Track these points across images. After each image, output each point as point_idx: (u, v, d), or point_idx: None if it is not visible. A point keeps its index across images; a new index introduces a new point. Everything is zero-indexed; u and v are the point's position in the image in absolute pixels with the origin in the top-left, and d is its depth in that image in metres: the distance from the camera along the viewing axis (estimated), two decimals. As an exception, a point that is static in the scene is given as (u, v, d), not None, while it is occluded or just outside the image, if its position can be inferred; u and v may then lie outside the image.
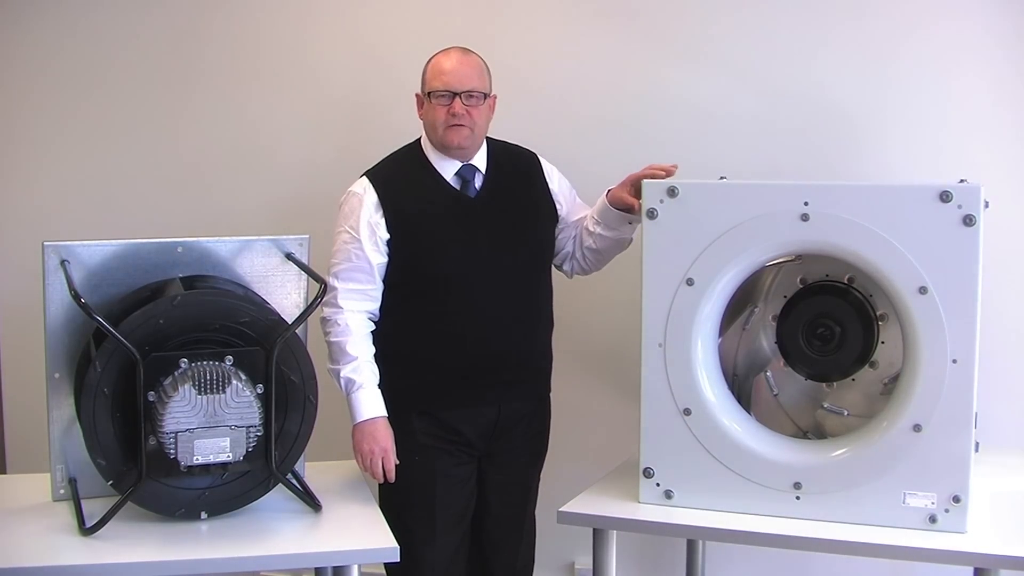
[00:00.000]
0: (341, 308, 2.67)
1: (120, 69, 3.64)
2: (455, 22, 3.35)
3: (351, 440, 2.67)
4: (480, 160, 2.78)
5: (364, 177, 2.75)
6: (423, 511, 2.75)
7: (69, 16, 3.64)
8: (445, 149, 2.73)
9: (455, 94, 2.67)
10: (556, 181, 2.87)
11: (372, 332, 2.74)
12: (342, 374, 2.66)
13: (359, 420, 2.65)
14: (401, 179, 2.75)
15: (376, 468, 2.65)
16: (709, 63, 3.21)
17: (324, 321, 2.70)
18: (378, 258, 2.69)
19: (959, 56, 3.03)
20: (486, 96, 2.73)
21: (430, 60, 2.75)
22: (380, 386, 2.71)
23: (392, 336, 2.74)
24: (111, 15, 3.62)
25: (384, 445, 2.64)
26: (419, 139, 2.80)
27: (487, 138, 2.82)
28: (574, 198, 2.90)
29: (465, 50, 2.74)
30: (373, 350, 2.71)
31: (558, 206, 2.85)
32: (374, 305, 2.72)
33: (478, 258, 2.70)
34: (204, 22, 3.57)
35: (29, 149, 3.72)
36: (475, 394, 2.75)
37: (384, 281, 2.72)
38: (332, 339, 2.68)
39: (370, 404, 2.65)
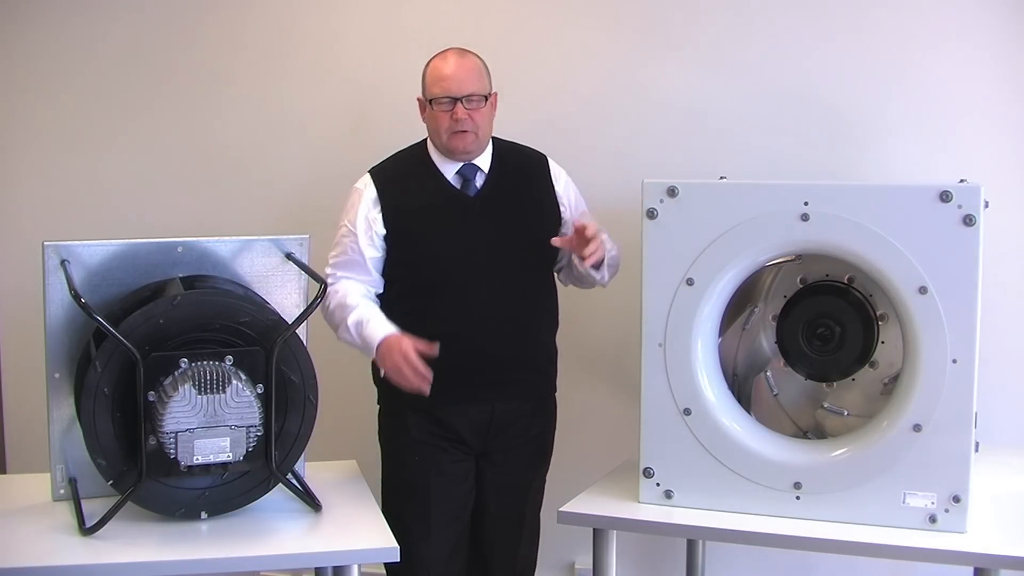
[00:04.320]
0: (335, 282, 2.72)
1: (121, 69, 3.63)
2: (457, 24, 3.34)
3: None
4: (484, 160, 2.79)
5: (367, 173, 2.78)
6: (419, 508, 2.76)
7: (70, 16, 3.64)
8: (450, 153, 2.74)
9: (456, 99, 2.68)
10: (562, 184, 2.86)
11: None
12: (348, 324, 2.64)
13: (374, 346, 2.60)
14: (402, 176, 2.77)
15: (410, 380, 2.55)
16: (709, 63, 3.21)
17: (323, 307, 2.70)
18: (372, 252, 2.72)
19: (959, 56, 3.03)
20: (487, 97, 2.73)
21: (428, 64, 2.76)
22: (377, 383, 2.76)
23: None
24: (113, 15, 3.62)
25: (403, 349, 2.55)
26: (426, 138, 2.82)
27: (495, 138, 2.83)
28: (579, 205, 2.88)
29: (462, 52, 2.74)
30: (375, 305, 2.71)
31: (562, 208, 2.84)
32: (371, 293, 2.75)
33: (474, 256, 2.71)
34: (206, 23, 3.57)
35: (29, 149, 3.72)
36: (468, 392, 2.75)
37: (383, 276, 2.75)
38: (333, 306, 2.69)
39: (379, 328, 2.61)
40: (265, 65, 3.54)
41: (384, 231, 2.72)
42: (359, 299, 2.70)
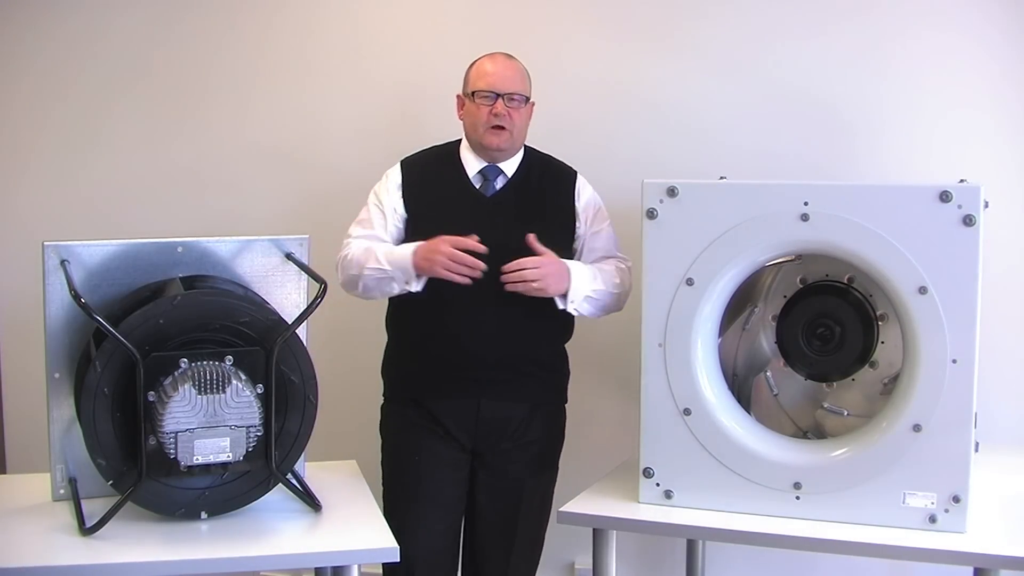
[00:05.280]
0: (355, 240, 2.79)
1: (123, 70, 3.63)
2: (456, 26, 3.36)
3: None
4: (511, 164, 2.83)
5: (399, 162, 2.87)
6: (408, 498, 2.79)
7: (72, 13, 3.64)
8: (482, 149, 2.79)
9: (498, 95, 2.74)
10: (584, 201, 2.86)
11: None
12: (377, 255, 2.69)
13: (409, 254, 2.66)
14: (427, 168, 2.85)
15: (454, 267, 2.61)
16: (709, 63, 3.21)
17: (342, 260, 2.77)
18: (393, 230, 2.80)
19: (960, 55, 3.03)
20: (527, 100, 2.80)
21: (475, 62, 2.82)
22: (383, 374, 2.88)
23: (393, 320, 2.86)
24: (116, 16, 3.62)
25: (435, 246, 2.63)
26: (460, 138, 2.87)
27: (529, 147, 2.88)
28: (595, 225, 2.85)
29: (509, 55, 2.83)
30: None
31: (578, 224, 2.84)
32: None
33: (477, 255, 2.71)
34: (213, 25, 3.57)
35: (30, 149, 3.72)
36: (454, 386, 2.77)
37: None
38: (352, 256, 2.73)
39: (411, 244, 2.69)
40: (277, 67, 3.54)
41: (405, 215, 2.80)
42: (376, 243, 2.77)
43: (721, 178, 2.68)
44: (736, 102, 3.18)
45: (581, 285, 2.71)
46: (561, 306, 2.71)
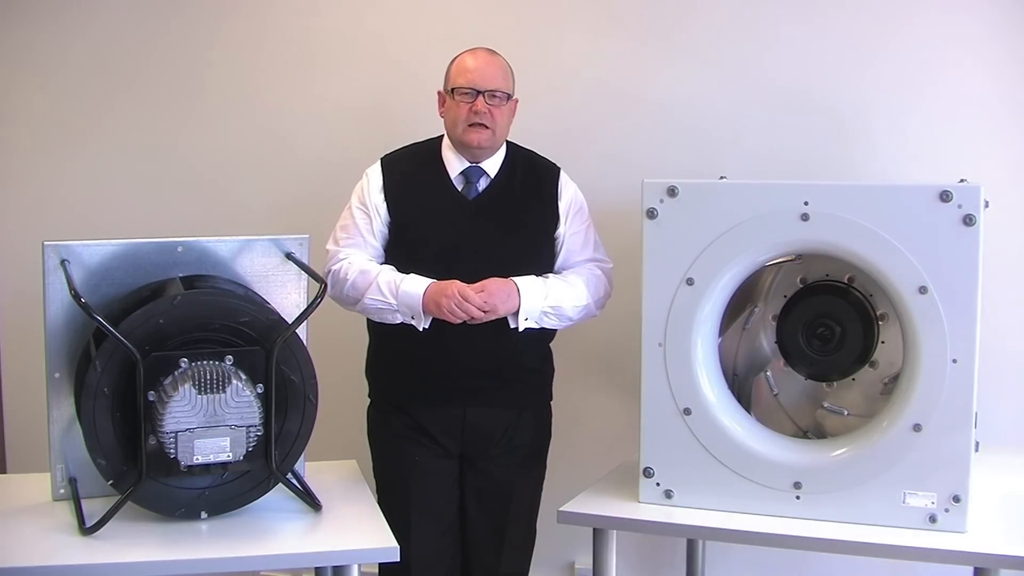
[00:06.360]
0: (344, 256, 2.74)
1: (122, 69, 3.63)
2: (454, 25, 3.35)
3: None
4: (493, 164, 2.79)
5: (379, 160, 2.82)
6: (399, 504, 2.76)
7: (72, 15, 3.64)
8: (462, 147, 2.75)
9: (479, 92, 2.69)
10: (567, 200, 2.82)
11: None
12: (380, 284, 2.66)
13: (420, 295, 2.63)
14: (409, 169, 2.79)
15: (464, 307, 2.59)
16: (709, 63, 3.21)
17: (334, 275, 2.73)
18: (378, 232, 2.75)
19: (960, 55, 3.03)
20: (509, 97, 2.75)
21: (456, 58, 2.78)
22: (367, 375, 2.86)
23: (375, 327, 2.80)
24: (115, 14, 3.62)
25: (445, 289, 2.60)
26: (442, 135, 2.83)
27: (512, 144, 2.84)
28: (574, 224, 2.81)
29: (491, 51, 2.78)
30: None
31: (559, 223, 2.81)
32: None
33: (458, 259, 2.70)
34: (208, 22, 3.57)
35: (29, 149, 3.72)
36: (439, 395, 2.75)
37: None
38: (349, 278, 2.70)
39: (418, 280, 2.65)
40: (271, 65, 3.54)
41: (389, 218, 2.76)
42: (376, 265, 2.73)
43: (721, 178, 2.68)
44: (736, 102, 3.18)
45: (533, 302, 2.67)
46: (513, 324, 2.68)
